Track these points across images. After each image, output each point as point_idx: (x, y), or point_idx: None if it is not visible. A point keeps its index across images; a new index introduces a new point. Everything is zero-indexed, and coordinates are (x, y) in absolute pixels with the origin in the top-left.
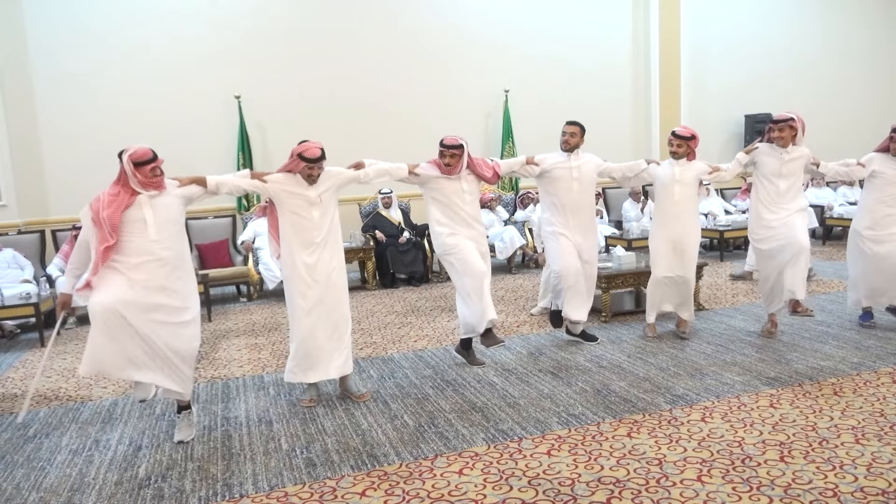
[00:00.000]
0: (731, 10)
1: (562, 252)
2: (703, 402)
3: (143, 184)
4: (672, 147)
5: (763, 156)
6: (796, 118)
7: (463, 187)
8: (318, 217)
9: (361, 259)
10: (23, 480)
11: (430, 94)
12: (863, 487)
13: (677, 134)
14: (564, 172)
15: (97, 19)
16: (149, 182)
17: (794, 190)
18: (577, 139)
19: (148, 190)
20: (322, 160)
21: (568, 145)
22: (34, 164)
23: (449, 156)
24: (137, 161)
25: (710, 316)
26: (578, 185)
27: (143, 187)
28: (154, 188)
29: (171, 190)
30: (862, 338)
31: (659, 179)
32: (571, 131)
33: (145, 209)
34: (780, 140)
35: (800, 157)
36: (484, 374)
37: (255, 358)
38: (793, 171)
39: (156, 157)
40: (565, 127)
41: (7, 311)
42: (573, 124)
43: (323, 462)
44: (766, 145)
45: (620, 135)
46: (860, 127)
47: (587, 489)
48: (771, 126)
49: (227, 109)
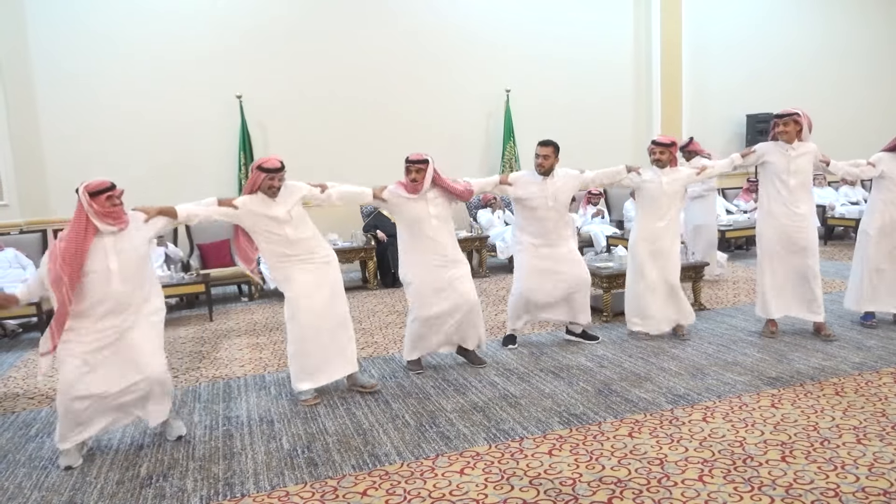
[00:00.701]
0: (732, 10)
1: (528, 273)
2: (705, 401)
3: (99, 214)
4: (655, 155)
5: (769, 154)
6: (801, 113)
7: (430, 210)
8: (293, 233)
9: (363, 259)
10: (25, 479)
11: (431, 93)
12: (864, 487)
13: (658, 142)
14: (541, 202)
15: (98, 19)
16: (106, 212)
17: (806, 188)
18: (552, 160)
19: (106, 223)
20: (281, 171)
21: (542, 168)
22: (36, 164)
23: (415, 171)
24: (93, 191)
25: (711, 316)
26: (555, 213)
27: (101, 219)
28: (113, 220)
29: (135, 225)
30: (863, 338)
31: (646, 190)
32: (545, 153)
33: (109, 256)
34: (784, 135)
35: (807, 152)
36: (485, 373)
37: (256, 357)
38: (801, 168)
39: (113, 187)
40: (539, 149)
41: (9, 310)
42: (546, 145)
43: (324, 461)
44: (770, 143)
45: (621, 134)
46: (861, 126)
47: (588, 489)
48: (775, 121)
49: (228, 109)
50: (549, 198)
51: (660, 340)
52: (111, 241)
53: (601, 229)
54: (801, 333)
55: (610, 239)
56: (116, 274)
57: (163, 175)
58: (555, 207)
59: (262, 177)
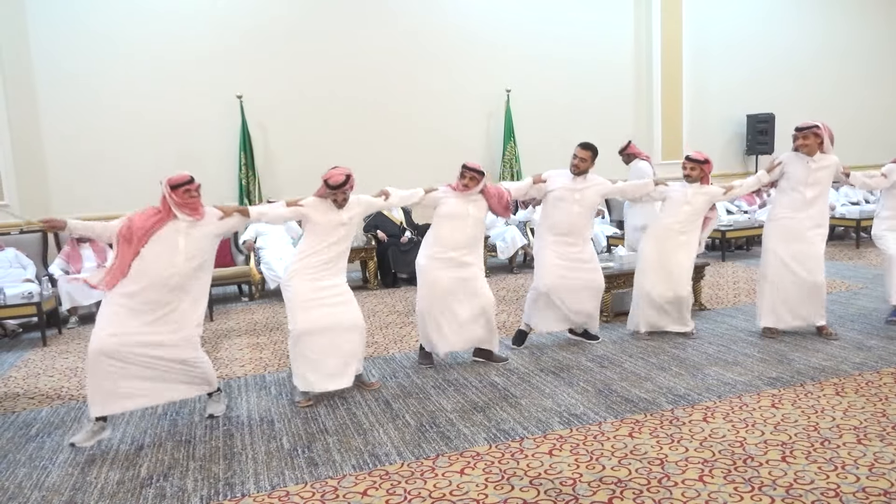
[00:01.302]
0: (733, 10)
1: (548, 271)
2: (705, 402)
3: (179, 205)
4: (685, 171)
5: (790, 164)
6: (821, 125)
7: (469, 209)
8: (342, 239)
9: (363, 259)
10: (25, 479)
11: (432, 93)
12: (865, 488)
13: (691, 158)
14: (567, 194)
15: (98, 20)
16: (185, 203)
17: (821, 201)
18: (588, 164)
19: (184, 212)
20: (345, 186)
21: (578, 169)
22: (36, 164)
23: (469, 178)
24: (174, 184)
25: (711, 316)
26: (579, 208)
27: (180, 209)
28: (190, 210)
29: (210, 219)
30: (864, 338)
31: (671, 197)
32: (583, 156)
33: (179, 235)
34: (804, 148)
35: (828, 165)
36: (485, 373)
37: (256, 357)
38: (820, 180)
39: (192, 181)
40: (578, 151)
41: (9, 310)
42: (587, 148)
43: (324, 461)
44: (792, 154)
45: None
46: (861, 127)
47: (589, 489)
48: (795, 134)
49: (228, 109)
50: (577, 192)
51: (660, 340)
52: (185, 226)
53: (601, 229)
54: (801, 334)
55: (610, 239)
56: (182, 252)
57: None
58: (580, 202)
59: (328, 192)
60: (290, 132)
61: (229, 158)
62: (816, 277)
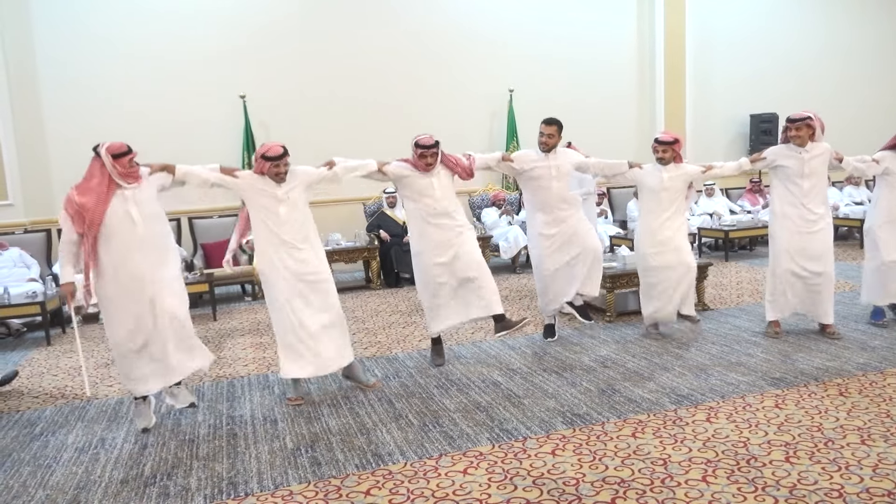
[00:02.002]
0: (736, 9)
1: (541, 256)
2: (708, 402)
3: (122, 175)
4: (658, 153)
5: (782, 158)
6: (813, 116)
7: (433, 183)
8: (285, 213)
9: (366, 258)
10: (29, 478)
11: (434, 93)
12: (868, 488)
13: (660, 140)
14: (543, 171)
15: (101, 21)
16: (128, 173)
17: (820, 190)
18: (556, 139)
19: (127, 181)
20: (284, 157)
21: (547, 146)
22: (40, 165)
23: (430, 155)
24: (116, 153)
25: (715, 316)
26: (557, 182)
27: (123, 178)
28: (133, 179)
29: (146, 179)
30: (867, 338)
31: (646, 185)
32: (550, 132)
33: (129, 204)
34: (797, 139)
35: (821, 153)
36: (488, 373)
37: (259, 357)
38: (815, 170)
39: (131, 150)
40: (543, 127)
41: (13, 309)
42: (551, 123)
43: (328, 461)
44: (782, 147)
45: (624, 133)
46: (864, 126)
47: (592, 489)
48: (788, 125)
49: (231, 109)
50: (553, 168)
51: (662, 340)
52: (130, 193)
53: (604, 229)
54: (804, 334)
55: (613, 239)
56: (138, 220)
57: None
58: (557, 177)
59: (267, 165)
60: (293, 131)
61: (232, 158)
62: (826, 268)
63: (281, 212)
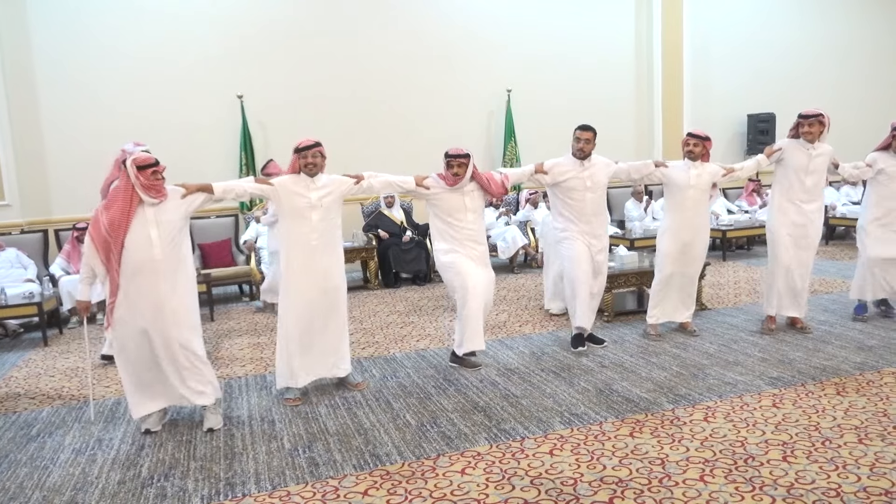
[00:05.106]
0: (733, 10)
1: (578, 259)
2: (706, 401)
3: (145, 187)
4: (689, 147)
5: (791, 150)
6: (824, 114)
7: (465, 203)
8: (317, 220)
9: (364, 258)
10: (26, 479)
11: (432, 93)
12: (866, 487)
13: (694, 134)
14: (578, 183)
15: (99, 22)
16: (151, 185)
17: (819, 187)
18: (592, 145)
19: (150, 195)
20: (317, 147)
21: (583, 153)
22: (37, 165)
23: (456, 165)
24: (141, 165)
25: (712, 316)
26: (592, 195)
27: (146, 191)
28: (156, 192)
29: (174, 199)
30: (865, 337)
31: (673, 182)
32: (587, 137)
33: (150, 226)
34: (808, 135)
35: (825, 153)
36: (486, 373)
37: (257, 357)
38: (818, 168)
39: (158, 163)
40: (579, 133)
41: (10, 310)
42: (587, 129)
43: (325, 461)
44: (793, 140)
45: (623, 134)
46: (861, 127)
47: (590, 489)
48: (800, 121)
49: (229, 109)
50: (587, 179)
51: (662, 340)
52: (152, 212)
53: None
54: (802, 333)
55: (611, 239)
56: (157, 243)
57: None
58: (592, 188)
59: (298, 157)
60: (291, 132)
61: (230, 158)
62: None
63: (313, 218)
